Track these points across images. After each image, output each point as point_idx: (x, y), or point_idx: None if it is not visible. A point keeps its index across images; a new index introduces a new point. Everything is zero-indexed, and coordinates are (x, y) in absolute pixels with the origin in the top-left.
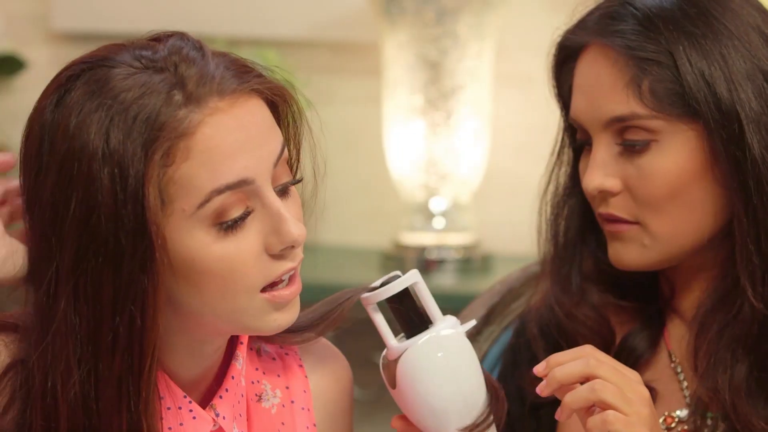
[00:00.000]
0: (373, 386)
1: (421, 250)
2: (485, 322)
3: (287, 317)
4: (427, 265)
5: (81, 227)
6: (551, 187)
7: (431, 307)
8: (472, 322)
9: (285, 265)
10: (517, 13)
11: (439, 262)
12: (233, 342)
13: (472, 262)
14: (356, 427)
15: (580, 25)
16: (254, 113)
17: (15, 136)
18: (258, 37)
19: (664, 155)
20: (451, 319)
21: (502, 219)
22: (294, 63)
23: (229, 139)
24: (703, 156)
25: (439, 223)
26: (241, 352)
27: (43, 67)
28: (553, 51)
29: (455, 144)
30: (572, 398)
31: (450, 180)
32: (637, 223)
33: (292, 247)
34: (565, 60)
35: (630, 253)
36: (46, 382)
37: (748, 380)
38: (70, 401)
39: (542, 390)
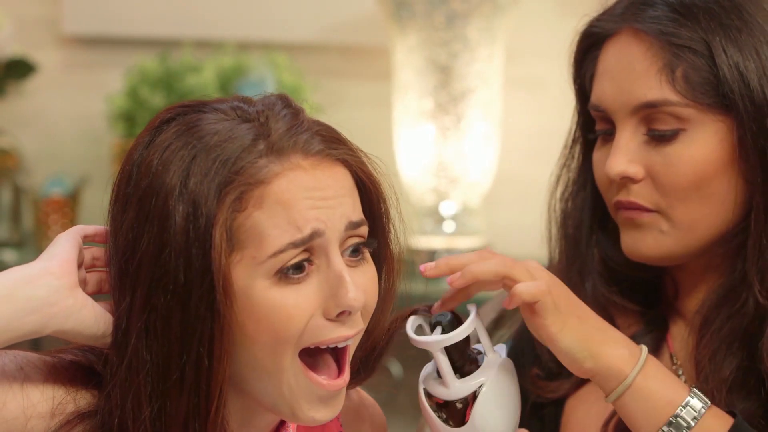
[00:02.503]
0: (382, 391)
1: (431, 253)
2: (495, 325)
3: (323, 412)
4: None
5: (153, 262)
6: (561, 182)
7: (485, 338)
8: (503, 347)
9: (339, 331)
10: (527, 17)
11: None
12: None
13: None
14: None
15: (608, 12)
16: (336, 179)
17: (26, 140)
18: (268, 40)
19: (691, 145)
20: (498, 346)
21: (512, 222)
22: (304, 66)
23: (304, 195)
24: (731, 148)
25: (449, 226)
26: (293, 425)
27: (53, 71)
28: (576, 38)
29: (465, 147)
30: (523, 290)
31: (460, 183)
32: (656, 212)
33: (349, 313)
34: (590, 47)
35: (646, 241)
36: (120, 416)
37: (735, 374)
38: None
39: (454, 280)
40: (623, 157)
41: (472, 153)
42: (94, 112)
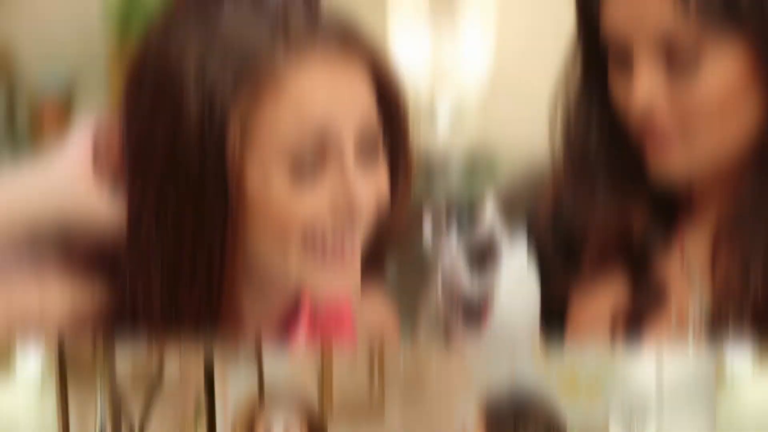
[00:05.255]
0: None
1: (427, 153)
2: None
3: (335, 284)
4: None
5: (166, 152)
6: (563, 95)
7: (503, 232)
8: None
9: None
10: None
11: (444, 166)
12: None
13: (477, 165)
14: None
15: None
16: (352, 77)
17: (20, 40)
18: None
19: (714, 70)
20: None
21: (508, 121)
22: None
23: (320, 91)
24: (752, 67)
25: (443, 126)
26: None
27: None
28: None
29: (461, 47)
30: None
31: (455, 83)
32: (683, 137)
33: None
34: None
35: (675, 165)
36: (132, 304)
37: None
38: (154, 314)
39: None
40: (645, 91)
41: (468, 53)
42: (90, 12)
